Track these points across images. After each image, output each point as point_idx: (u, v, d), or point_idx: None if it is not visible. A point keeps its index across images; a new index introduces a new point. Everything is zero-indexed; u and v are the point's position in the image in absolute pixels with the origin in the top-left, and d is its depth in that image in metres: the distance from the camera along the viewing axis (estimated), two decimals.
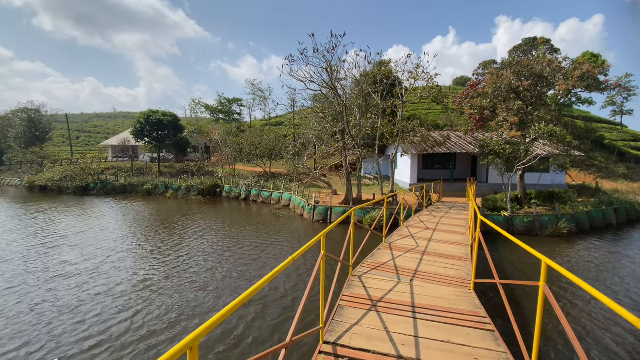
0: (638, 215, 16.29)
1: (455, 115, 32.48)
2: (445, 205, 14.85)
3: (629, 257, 10.59)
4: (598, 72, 13.22)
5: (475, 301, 4.47)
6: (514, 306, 6.66)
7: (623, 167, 27.01)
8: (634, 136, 35.79)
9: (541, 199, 15.17)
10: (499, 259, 9.99)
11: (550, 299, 2.44)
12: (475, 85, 18.30)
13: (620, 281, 8.52)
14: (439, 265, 6.07)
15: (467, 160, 23.95)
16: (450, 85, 51.95)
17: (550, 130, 12.47)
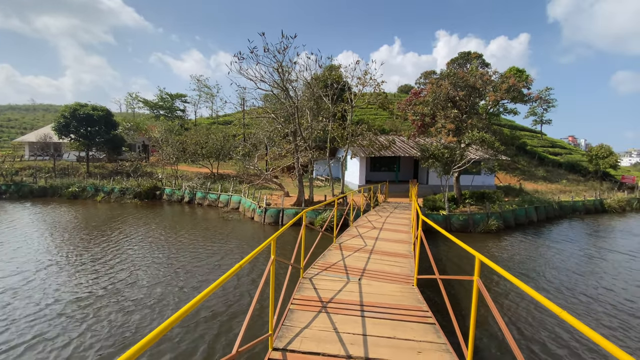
0: (555, 213, 18.95)
1: (400, 121, 34.55)
2: (391, 205, 15.64)
3: (548, 248, 12.25)
4: (522, 85, 15.10)
5: (418, 296, 4.73)
6: (454, 299, 7.24)
7: (542, 170, 31.26)
8: (552, 143, 41.63)
9: (474, 199, 16.80)
10: (439, 255, 10.79)
11: (483, 291, 2.66)
12: (418, 94, 19.66)
13: (540, 269, 9.79)
14: (385, 263, 6.33)
15: (410, 163, 25.58)
16: (395, 92, 55.13)
17: (481, 137, 13.89)
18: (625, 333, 6.19)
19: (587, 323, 6.54)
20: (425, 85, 19.41)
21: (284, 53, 12.98)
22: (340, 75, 17.44)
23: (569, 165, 32.40)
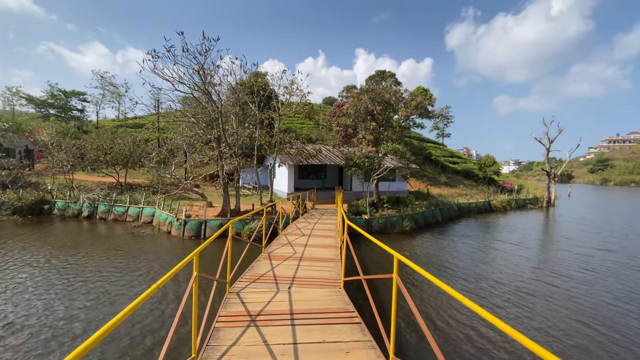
0: (455, 213, 22.01)
1: (325, 130, 36.00)
2: (319, 211, 16.08)
3: (453, 242, 14.11)
4: (427, 103, 17.33)
5: (345, 298, 4.93)
6: (380, 297, 7.75)
7: (445, 177, 36.04)
8: (451, 154, 48.31)
9: (391, 203, 18.44)
10: (363, 257, 11.46)
11: (401, 287, 2.92)
12: (341, 106, 20.87)
13: (449, 260, 11.20)
14: (314, 269, 6.44)
15: (336, 171, 26.80)
16: (321, 103, 57.41)
17: (395, 148, 15.41)
18: (518, 307, 7.53)
19: (488, 302, 7.76)
20: (347, 98, 20.79)
21: (206, 55, 12.34)
22: (267, 82, 17.38)
23: (464, 172, 38.23)
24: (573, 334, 6.50)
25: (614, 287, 9.19)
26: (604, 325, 6.87)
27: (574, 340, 6.26)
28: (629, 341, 6.22)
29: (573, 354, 5.81)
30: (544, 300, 8.20)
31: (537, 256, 12.79)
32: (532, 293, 8.70)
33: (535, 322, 7.02)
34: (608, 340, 6.25)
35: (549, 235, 17.38)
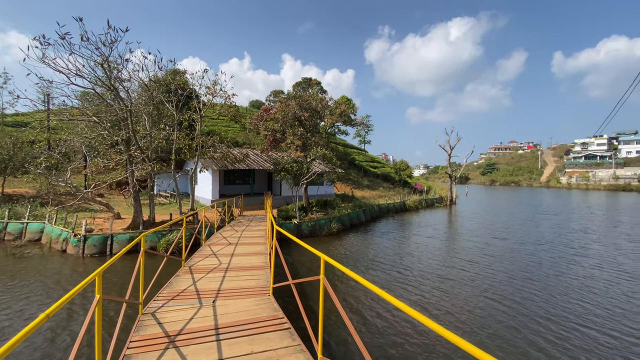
0: (376, 213, 23.72)
1: (253, 134, 35.19)
2: (247, 218, 15.55)
3: (376, 239, 15.12)
4: (351, 112, 18.40)
5: (274, 305, 4.85)
6: (310, 300, 7.82)
7: (367, 180, 38.57)
8: (372, 159, 51.96)
9: (319, 207, 18.95)
10: (293, 261, 11.47)
11: (328, 288, 3.01)
12: (269, 110, 20.69)
13: (374, 257, 11.95)
14: (242, 278, 6.18)
15: (264, 176, 26.37)
16: (247, 106, 55.94)
17: (323, 153, 15.94)
18: (439, 290, 8.43)
19: (417, 289, 8.54)
20: (275, 103, 20.72)
21: (112, 47, 10.86)
22: (187, 81, 16.15)
23: (383, 176, 41.68)
24: (483, 307, 7.80)
25: (509, 268, 11.23)
26: (506, 299, 8.38)
27: (484, 311, 7.50)
28: (525, 310, 7.62)
29: (485, 322, 7.02)
30: (458, 283, 9.58)
31: (448, 246, 14.77)
32: (450, 278, 10.11)
33: (454, 300, 8.21)
34: (509, 310, 7.63)
35: (454, 228, 20.14)
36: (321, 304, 3.19)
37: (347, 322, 2.70)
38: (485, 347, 6.09)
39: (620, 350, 5.97)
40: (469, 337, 6.49)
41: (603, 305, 8.05)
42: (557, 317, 7.36)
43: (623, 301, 8.35)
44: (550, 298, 8.52)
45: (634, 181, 67.27)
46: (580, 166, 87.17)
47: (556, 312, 7.67)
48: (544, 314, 7.56)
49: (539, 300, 8.41)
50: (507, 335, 6.54)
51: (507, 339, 6.36)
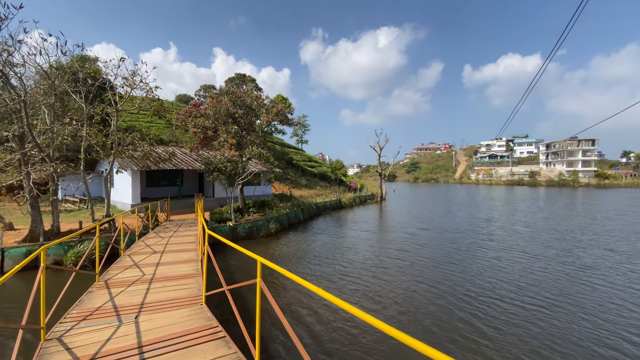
0: (314, 212, 24.10)
1: (180, 131, 32.57)
2: (174, 223, 14.33)
3: (314, 237, 15.29)
4: (287, 111, 18.28)
5: (207, 314, 4.55)
6: (249, 305, 7.52)
7: (304, 180, 38.89)
8: (309, 158, 52.56)
9: (257, 207, 18.48)
10: (229, 266, 10.95)
11: (265, 292, 2.92)
12: (198, 105, 19.35)
13: (313, 253, 12.05)
14: (170, 289, 5.67)
15: (195, 176, 24.65)
16: (173, 101, 51.61)
17: (258, 152, 15.55)
18: (378, 278, 8.85)
19: (360, 280, 8.84)
20: (205, 98, 19.45)
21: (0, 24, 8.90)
22: (98, 70, 14.08)
23: (320, 175, 42.64)
24: (417, 290, 8.68)
25: (434, 254, 12.62)
26: (434, 281, 9.45)
27: (419, 294, 8.33)
28: (451, 290, 8.49)
29: (421, 303, 7.85)
30: (394, 271, 10.51)
31: (382, 238, 15.91)
32: (386, 266, 11.06)
33: (392, 286, 8.97)
34: (439, 291, 8.55)
35: (385, 222, 21.65)
36: (258, 308, 3.09)
37: (286, 325, 2.66)
38: (422, 326, 6.87)
39: (526, 317, 7.14)
40: (409, 316, 7.24)
41: (510, 281, 9.58)
42: (477, 294, 8.57)
43: (525, 276, 10.05)
44: (471, 278, 9.89)
45: (526, 177, 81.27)
46: (486, 164, 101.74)
47: (476, 289, 8.93)
48: (466, 292, 8.75)
49: (461, 280, 9.67)
50: (440, 313, 7.43)
51: (440, 317, 7.23)
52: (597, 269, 10.82)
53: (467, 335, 6.40)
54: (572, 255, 12.71)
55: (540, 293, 8.69)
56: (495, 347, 5.99)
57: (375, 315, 7.52)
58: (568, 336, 6.38)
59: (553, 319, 7.18)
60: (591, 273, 10.37)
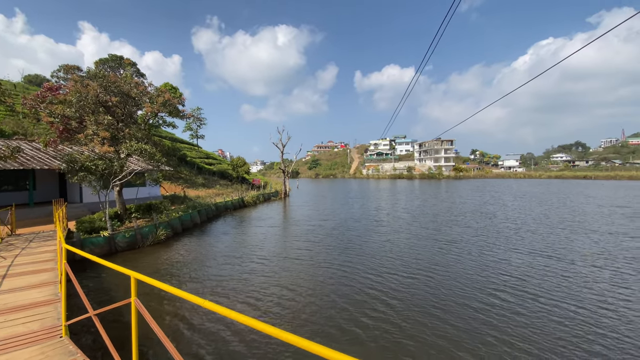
0: (213, 213, 22.49)
1: (30, 121, 25.59)
2: (23, 238, 11.16)
3: (213, 241, 14.15)
4: (177, 102, 16.24)
5: (69, 348, 3.66)
6: (127, 330, 6.37)
7: (201, 178, 35.79)
8: (206, 155, 48.67)
9: (141, 212, 16.04)
10: (102, 285, 9.16)
11: (142, 311, 2.47)
12: (56, 90, 15.42)
13: (210, 262, 11.09)
14: (14, 323, 4.33)
15: (53, 178, 19.80)
16: (21, 81, 40.19)
17: (141, 148, 13.46)
18: (287, 271, 8.65)
19: (275, 276, 8.46)
20: (66, 81, 15.65)
21: None
22: None
23: (220, 173, 40.18)
24: (326, 274, 9.09)
25: (338, 243, 13.77)
26: (344, 265, 10.02)
27: (330, 279, 8.65)
28: (352, 270, 9.02)
29: (333, 288, 8.45)
30: (305, 261, 10.99)
31: (289, 233, 16.18)
32: (297, 258, 11.59)
33: (304, 275, 9.43)
34: (344, 273, 9.25)
35: (291, 217, 22.01)
36: (134, 331, 2.60)
37: (169, 347, 2.30)
38: (336, 305, 7.56)
39: (415, 285, 8.27)
40: (325, 299, 7.87)
41: (399, 259, 11.20)
42: (374, 273, 9.87)
43: (409, 252, 11.84)
44: (367, 260, 11.30)
45: (404, 171, 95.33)
46: (374, 161, 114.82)
47: (373, 269, 10.26)
48: (363, 271, 10.05)
49: (359, 263, 10.95)
50: (347, 291, 8.41)
51: (349, 293, 8.20)
52: (459, 242, 13.70)
53: (375, 303, 7.15)
54: (440, 232, 15.66)
55: (422, 264, 10.59)
56: (397, 310, 6.80)
57: (290, 303, 7.71)
58: (448, 294, 7.88)
59: (438, 283, 8.90)
60: (456, 246, 13.07)
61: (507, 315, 6.94)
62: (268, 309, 7.48)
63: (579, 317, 6.80)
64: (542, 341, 5.91)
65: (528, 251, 12.18)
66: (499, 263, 10.73)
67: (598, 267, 10.09)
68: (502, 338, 6.02)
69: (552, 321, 6.64)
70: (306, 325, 6.67)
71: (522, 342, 5.89)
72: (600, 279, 9.04)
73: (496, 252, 12.13)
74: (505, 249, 12.49)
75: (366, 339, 6.09)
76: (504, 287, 8.59)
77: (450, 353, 5.59)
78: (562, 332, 6.21)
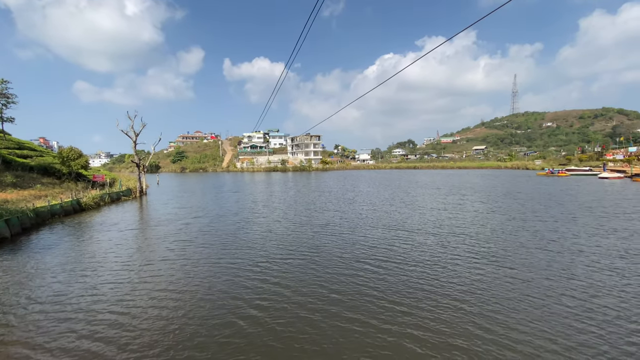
0: (32, 221, 16.59)
1: None
2: None
3: (32, 260, 10.23)
4: None
5: None
6: None
7: (11, 176, 25.85)
8: (19, 145, 35.64)
9: None
10: None
11: None
12: None
13: (26, 294, 7.91)
14: None
15: None
16: None
17: None
18: (147, 282, 6.83)
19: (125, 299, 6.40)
20: None
21: None
22: None
23: (42, 168, 30.32)
24: (207, 271, 7.55)
25: (214, 240, 12.08)
26: (224, 260, 8.75)
27: (213, 275, 7.28)
28: (237, 261, 8.05)
29: (219, 284, 6.88)
30: (179, 260, 8.76)
31: (151, 236, 13.67)
32: (163, 259, 8.97)
33: (174, 278, 7.26)
34: (228, 264, 8.00)
35: (152, 218, 18.70)
36: None
37: None
38: (228, 294, 6.34)
39: (298, 264, 8.16)
40: (215, 293, 6.38)
41: (283, 245, 10.86)
42: (264, 259, 9.72)
43: (287, 238, 11.71)
44: (257, 250, 10.99)
45: (279, 164, 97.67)
46: (249, 154, 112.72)
47: (265, 256, 10.12)
48: (254, 260, 9.70)
49: (248, 251, 10.73)
50: (247, 280, 7.45)
51: (245, 283, 7.30)
52: (333, 227, 14.99)
53: (269, 287, 6.59)
54: (314, 218, 16.91)
55: (299, 248, 11.30)
56: (292, 289, 6.51)
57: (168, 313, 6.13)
58: (331, 266, 8.15)
59: (321, 259, 9.21)
60: (328, 228, 14.41)
61: (377, 273, 8.30)
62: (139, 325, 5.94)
63: (426, 270, 8.44)
64: (405, 291, 7.02)
65: (383, 226, 14.78)
66: (365, 238, 12.73)
67: (432, 234, 13.04)
68: (376, 294, 6.85)
69: (406, 273, 8.03)
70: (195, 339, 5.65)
71: (393, 294, 6.95)
72: (434, 243, 11.63)
73: (361, 229, 14.22)
74: (366, 227, 14.75)
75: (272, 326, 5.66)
76: (374, 256, 10.38)
77: (340, 305, 6.09)
78: (415, 280, 7.56)
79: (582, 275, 8.36)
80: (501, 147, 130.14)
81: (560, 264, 9.25)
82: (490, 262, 9.57)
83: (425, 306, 6.90)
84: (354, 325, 6.16)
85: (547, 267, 9.03)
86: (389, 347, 5.47)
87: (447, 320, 6.27)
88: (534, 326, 5.98)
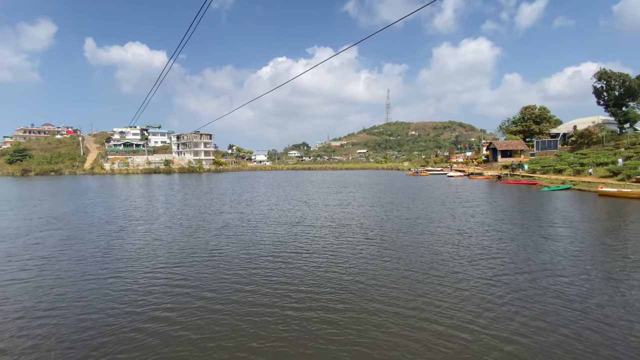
0: None
1: None
2: None
3: None
4: None
5: None
6: None
7: None
8: None
9: None
10: None
11: None
12: None
13: None
14: None
15: None
16: None
17: None
18: None
19: None
20: None
21: None
22: None
23: None
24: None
25: (75, 253, 9.52)
26: (96, 277, 6.84)
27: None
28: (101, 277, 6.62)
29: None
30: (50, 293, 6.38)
31: None
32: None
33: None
34: (96, 292, 6.28)
35: None
36: None
37: None
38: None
39: (188, 273, 7.42)
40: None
41: (178, 252, 9.69)
42: (152, 269, 7.86)
43: (166, 247, 10.61)
44: (142, 261, 8.88)
45: (162, 165, 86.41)
46: (121, 153, 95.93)
47: (150, 267, 8.16)
48: (140, 270, 7.75)
49: (131, 263, 8.45)
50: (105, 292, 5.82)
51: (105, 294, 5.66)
52: (232, 228, 14.51)
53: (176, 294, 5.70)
54: (210, 222, 15.81)
55: (203, 251, 10.24)
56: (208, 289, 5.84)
57: None
58: (238, 264, 7.76)
59: (224, 260, 8.60)
60: (227, 231, 13.84)
61: (280, 266, 8.28)
62: None
63: (321, 259, 9.12)
64: (306, 278, 7.43)
65: (283, 223, 15.26)
66: (266, 236, 12.86)
67: (327, 227, 14.27)
68: (287, 281, 7.03)
69: (308, 261, 8.53)
70: None
71: (300, 284, 7.32)
72: (330, 235, 12.68)
73: (262, 228, 14.34)
74: (266, 224, 15.02)
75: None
76: (276, 251, 10.57)
77: (254, 299, 6.01)
78: (314, 268, 8.12)
79: (432, 247, 10.71)
80: (378, 151, 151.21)
81: (422, 243, 11.58)
82: (373, 245, 11.33)
83: (329, 290, 7.60)
84: (265, 317, 6.27)
85: (412, 244, 11.23)
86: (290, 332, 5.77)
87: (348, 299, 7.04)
88: (408, 291, 7.34)
